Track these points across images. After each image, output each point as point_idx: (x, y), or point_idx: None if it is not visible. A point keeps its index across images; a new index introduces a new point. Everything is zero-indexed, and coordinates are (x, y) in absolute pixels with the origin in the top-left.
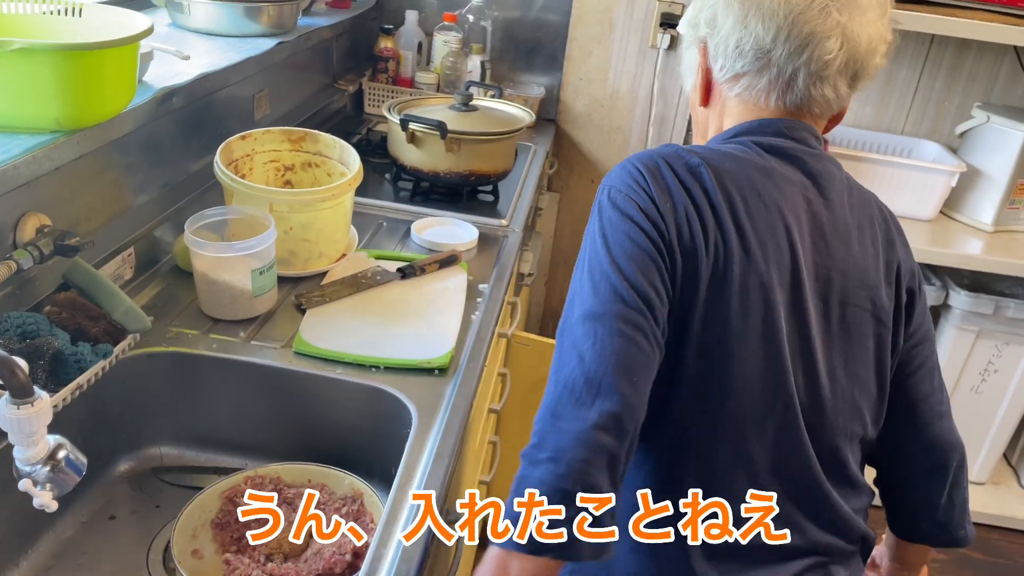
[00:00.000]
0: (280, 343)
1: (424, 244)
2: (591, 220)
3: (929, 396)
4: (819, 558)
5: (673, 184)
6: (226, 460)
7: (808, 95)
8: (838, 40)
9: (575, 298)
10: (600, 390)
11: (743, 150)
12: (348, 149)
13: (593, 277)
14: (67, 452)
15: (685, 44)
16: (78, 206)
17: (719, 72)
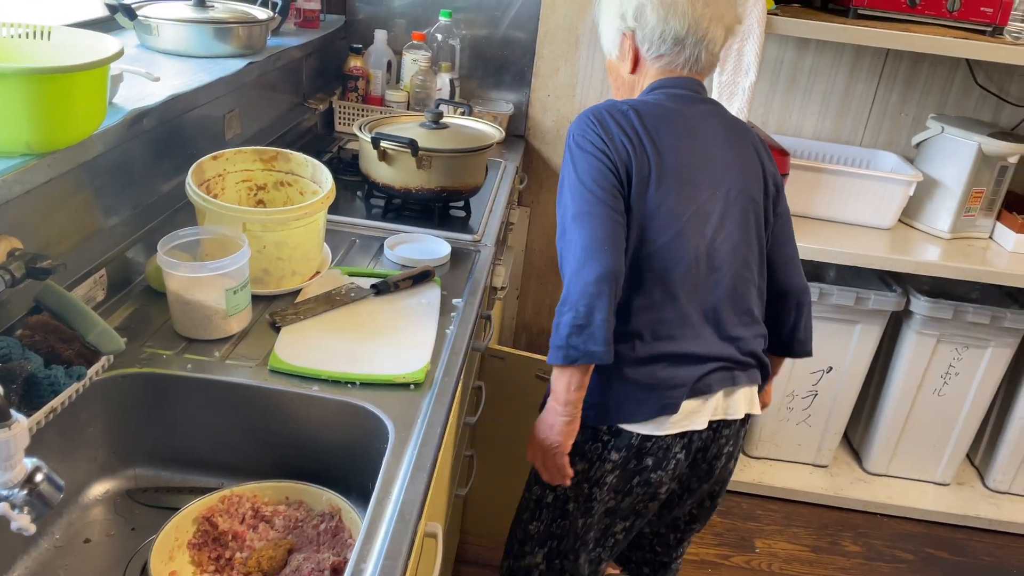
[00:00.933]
0: (255, 361)
1: (397, 260)
2: (565, 159)
3: (789, 256)
4: (723, 363)
5: (612, 124)
6: (202, 480)
7: (703, 64)
8: (720, 29)
9: (565, 211)
10: (594, 257)
11: (658, 98)
12: (320, 168)
13: (574, 192)
14: (45, 475)
15: (609, 27)
16: (49, 228)
17: (646, 52)
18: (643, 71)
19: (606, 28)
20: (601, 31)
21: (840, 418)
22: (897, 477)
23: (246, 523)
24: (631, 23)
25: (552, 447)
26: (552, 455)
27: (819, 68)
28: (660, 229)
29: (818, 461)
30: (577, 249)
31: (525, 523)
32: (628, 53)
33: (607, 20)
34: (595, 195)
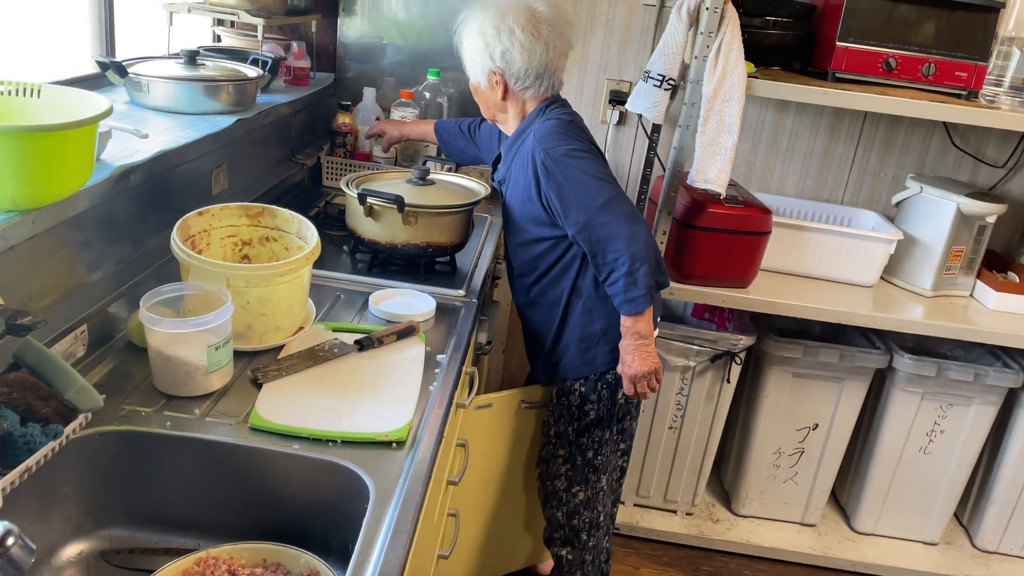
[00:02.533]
0: (236, 419)
1: (382, 316)
2: (564, 168)
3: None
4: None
5: (581, 132)
6: (179, 541)
7: (557, 89)
8: (564, 59)
9: (592, 201)
10: (639, 220)
11: (571, 113)
12: (306, 223)
13: (597, 186)
14: (15, 539)
15: (476, 62)
16: (31, 284)
17: (514, 84)
18: (513, 97)
19: (472, 61)
20: (465, 60)
21: (827, 476)
22: (886, 536)
23: None
24: (499, 63)
25: (657, 369)
26: (657, 374)
27: (799, 129)
28: None
29: (806, 520)
30: (623, 222)
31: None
32: (498, 86)
33: (472, 55)
34: (612, 182)
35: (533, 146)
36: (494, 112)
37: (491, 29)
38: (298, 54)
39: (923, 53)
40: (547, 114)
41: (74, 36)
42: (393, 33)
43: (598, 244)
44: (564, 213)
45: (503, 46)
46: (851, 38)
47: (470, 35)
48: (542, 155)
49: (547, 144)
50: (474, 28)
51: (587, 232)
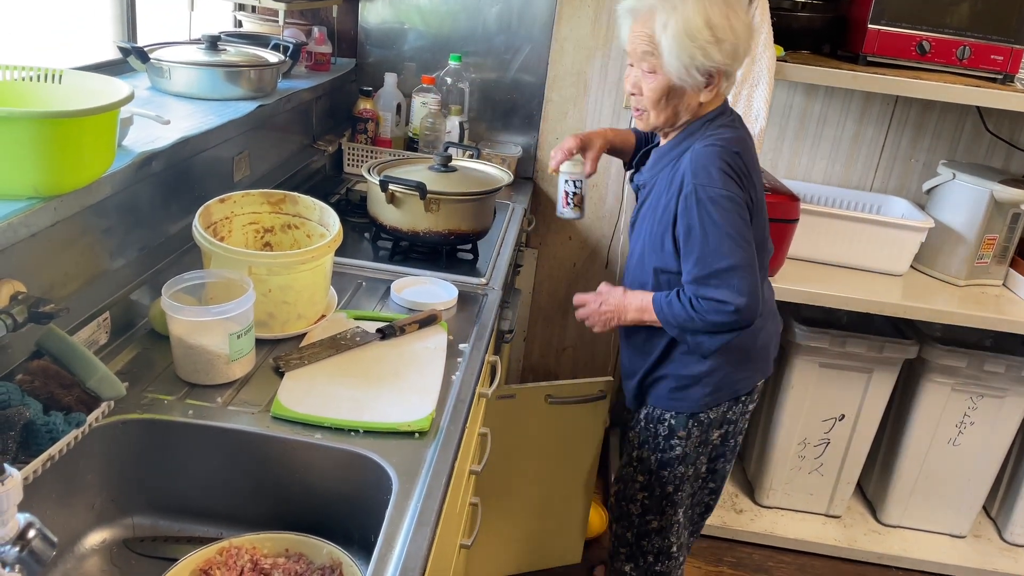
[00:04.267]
0: (258, 408)
1: (404, 304)
2: (704, 209)
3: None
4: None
5: (743, 165)
6: (201, 530)
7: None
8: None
9: (720, 258)
10: (755, 301)
11: (740, 133)
12: (328, 211)
13: (734, 242)
14: (37, 531)
15: (690, 58)
16: (54, 272)
17: (725, 87)
18: (711, 99)
19: (683, 56)
20: (672, 57)
21: (853, 467)
22: (912, 529)
23: None
24: (726, 60)
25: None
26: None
27: (828, 114)
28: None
29: (831, 511)
30: (736, 295)
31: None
32: (711, 88)
33: (688, 49)
34: (748, 244)
35: (687, 169)
36: (677, 118)
37: (719, 18)
38: (319, 39)
39: (958, 36)
40: (713, 129)
41: (73, 36)
42: (414, 18)
43: (700, 305)
44: (684, 256)
45: (732, 39)
46: (883, 20)
47: (688, 25)
48: (690, 186)
49: (701, 178)
50: (696, 15)
51: (695, 288)
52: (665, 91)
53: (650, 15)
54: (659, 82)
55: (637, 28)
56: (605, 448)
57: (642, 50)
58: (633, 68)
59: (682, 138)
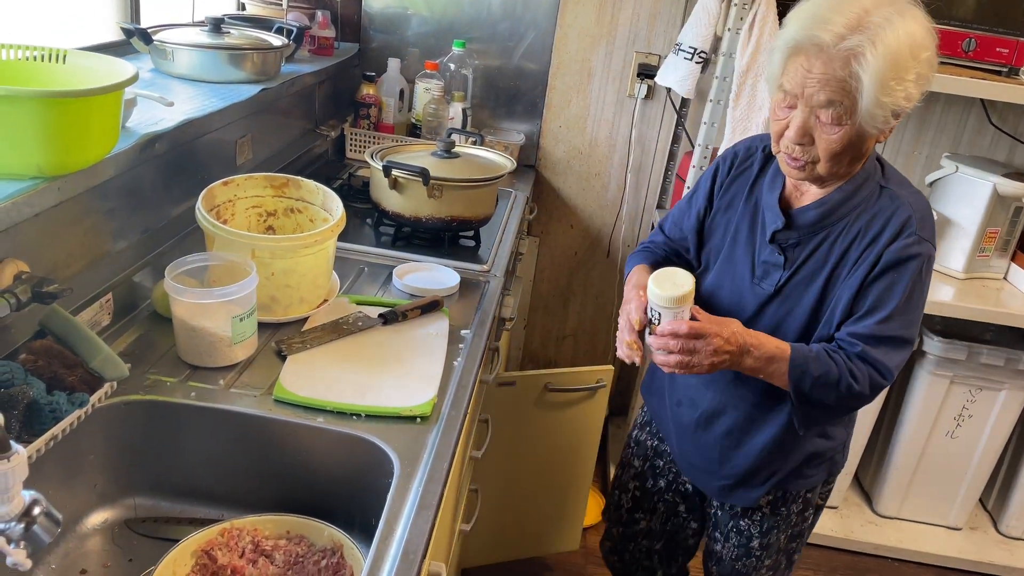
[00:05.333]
0: (260, 390)
1: (406, 289)
2: (919, 273)
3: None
4: None
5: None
6: (202, 511)
7: None
8: None
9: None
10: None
11: (916, 195)
12: (331, 195)
13: (914, 323)
14: (43, 509)
15: (892, 97)
16: (57, 252)
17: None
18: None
19: (887, 104)
20: (874, 105)
21: (851, 458)
22: (909, 520)
23: (245, 557)
24: (919, 95)
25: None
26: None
27: None
28: None
29: (829, 502)
30: (892, 370)
31: None
32: (884, 134)
33: (893, 94)
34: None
35: (903, 217)
36: (852, 168)
37: (926, 41)
38: (323, 23)
39: (963, 28)
40: (896, 177)
41: (76, 16)
42: (418, 3)
43: (861, 368)
44: (863, 311)
45: (927, 73)
46: None
47: (897, 60)
48: (913, 238)
49: (927, 232)
50: (903, 44)
51: (867, 346)
52: (851, 143)
53: (849, 55)
54: (846, 134)
55: (818, 68)
56: (604, 436)
57: (826, 98)
58: (796, 109)
59: (859, 182)
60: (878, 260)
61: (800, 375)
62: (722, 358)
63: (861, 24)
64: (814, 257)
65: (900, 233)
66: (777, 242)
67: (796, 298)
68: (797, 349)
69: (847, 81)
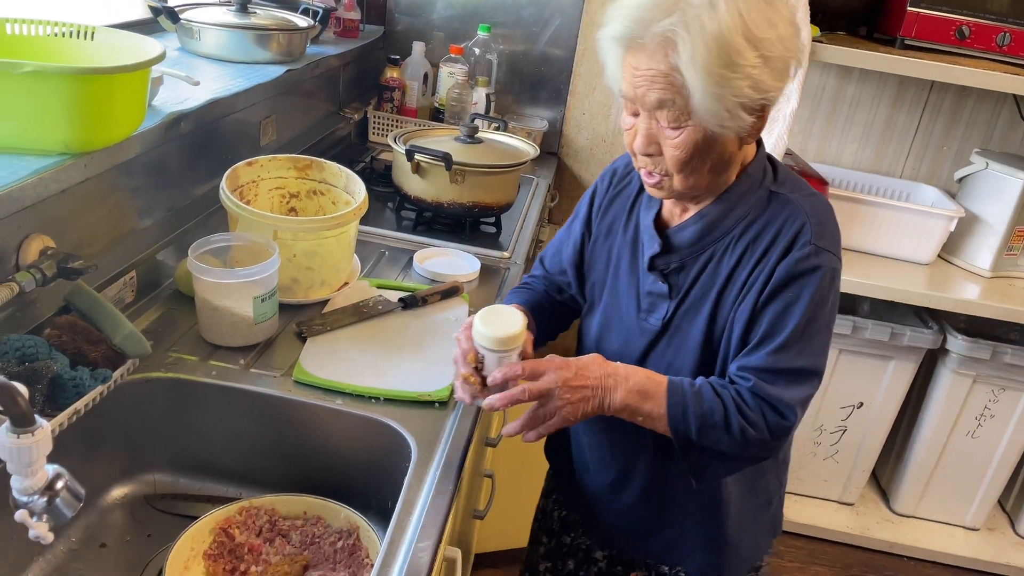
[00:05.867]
0: (280, 371)
1: (426, 274)
2: (820, 291)
3: None
4: None
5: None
6: (221, 489)
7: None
8: None
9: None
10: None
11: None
12: (354, 178)
13: (823, 344)
14: (65, 483)
15: (728, 88)
16: (82, 228)
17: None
18: (754, 136)
19: (725, 97)
20: (709, 99)
21: (869, 455)
22: (925, 519)
23: (263, 536)
24: (779, 84)
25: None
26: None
27: (861, 97)
28: None
29: (844, 499)
30: (792, 407)
31: None
32: (755, 126)
33: (728, 86)
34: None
35: (795, 225)
36: (716, 177)
37: (763, 25)
38: (348, 5)
39: (999, 22)
40: (791, 179)
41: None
42: None
43: (753, 404)
44: (756, 341)
45: (782, 51)
46: (924, 3)
47: (724, 49)
48: (809, 248)
49: (826, 240)
50: (732, 31)
51: (758, 381)
52: (698, 147)
53: (663, 44)
54: (689, 137)
55: (642, 65)
56: None
57: (656, 98)
58: (639, 118)
59: (742, 190)
60: (770, 278)
61: (680, 413)
62: (581, 395)
63: (677, 5)
64: (700, 282)
65: (793, 244)
66: (658, 268)
67: (686, 331)
68: (674, 383)
69: (671, 75)
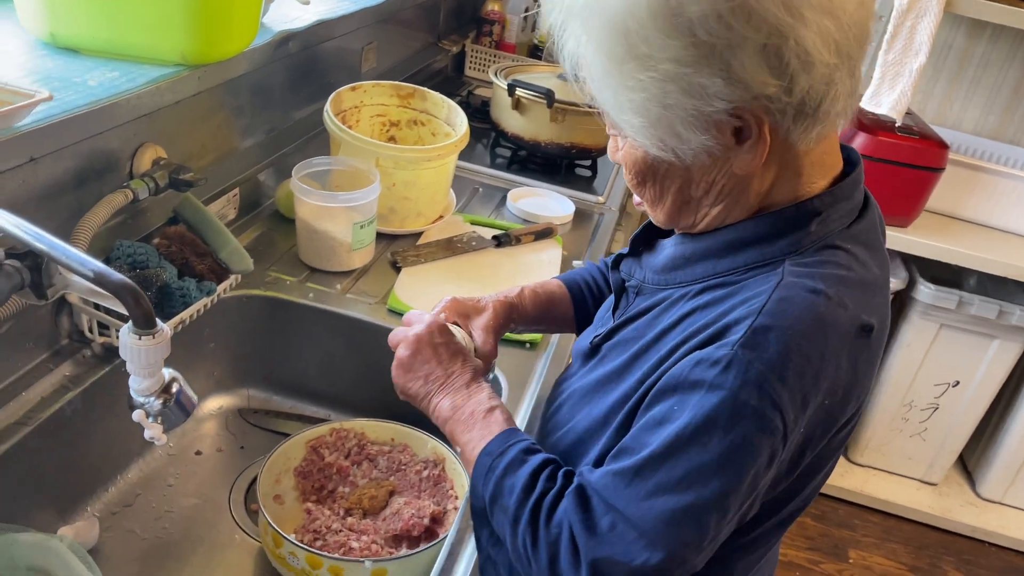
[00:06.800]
0: (374, 299)
1: (519, 214)
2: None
3: None
4: None
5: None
6: (311, 409)
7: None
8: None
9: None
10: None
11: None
12: (456, 110)
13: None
14: (180, 387)
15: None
16: (192, 142)
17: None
18: (780, 158)
19: (631, 100)
20: (610, 104)
21: (959, 436)
22: (1012, 507)
23: (351, 458)
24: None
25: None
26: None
27: (991, 58)
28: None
29: (928, 478)
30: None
31: None
32: (756, 141)
33: (633, 84)
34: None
35: (727, 325)
36: (677, 213)
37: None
38: None
39: None
40: (815, 253)
41: None
42: None
43: (565, 506)
44: (616, 436)
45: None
46: None
47: (618, 28)
48: (716, 370)
49: (764, 358)
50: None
51: (591, 482)
52: (642, 169)
53: (562, 34)
54: (628, 154)
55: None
56: None
57: (588, 102)
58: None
59: (741, 235)
60: (671, 377)
61: (487, 465)
62: (407, 367)
63: None
64: (638, 323)
65: (716, 337)
66: (620, 273)
67: (601, 373)
68: (499, 439)
69: (576, 73)
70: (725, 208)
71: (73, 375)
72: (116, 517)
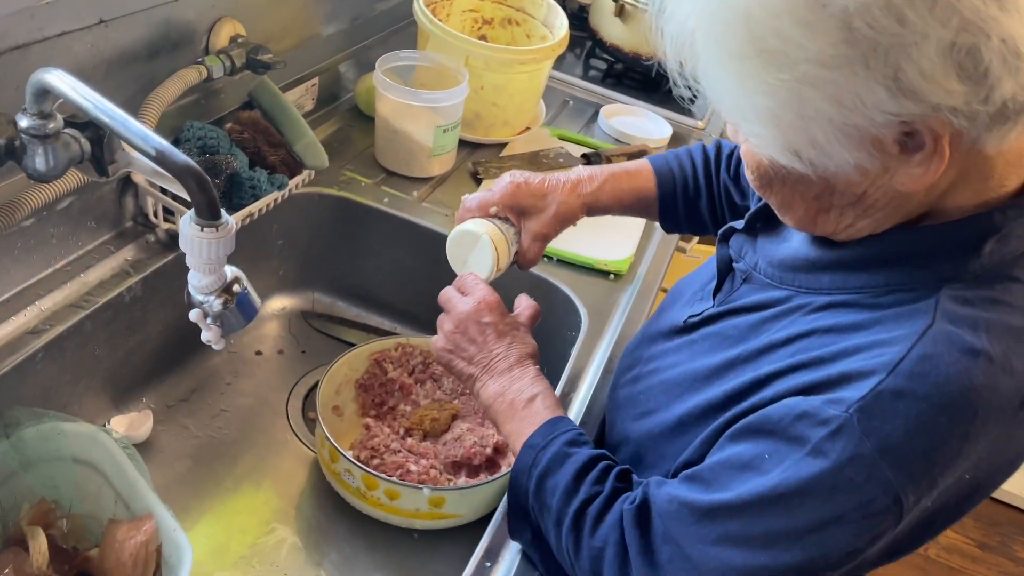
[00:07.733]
0: (451, 210)
1: (612, 133)
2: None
3: None
4: None
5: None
6: (376, 320)
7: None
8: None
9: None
10: None
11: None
12: (556, 9)
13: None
14: (243, 288)
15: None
16: (272, 22)
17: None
18: (962, 163)
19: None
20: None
21: None
22: None
23: (415, 376)
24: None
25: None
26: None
27: None
28: None
29: None
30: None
31: None
32: (929, 150)
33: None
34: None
35: (850, 373)
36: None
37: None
38: None
39: None
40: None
41: None
42: None
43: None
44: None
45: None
46: None
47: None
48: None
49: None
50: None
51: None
52: (765, 172)
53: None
54: (749, 155)
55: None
56: None
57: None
58: None
59: (881, 251)
60: (763, 404)
61: (530, 460)
62: (451, 345)
63: None
64: (740, 319)
65: (830, 385)
66: (729, 250)
67: (690, 368)
68: (551, 423)
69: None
70: (876, 222)
71: (135, 260)
72: (170, 411)
